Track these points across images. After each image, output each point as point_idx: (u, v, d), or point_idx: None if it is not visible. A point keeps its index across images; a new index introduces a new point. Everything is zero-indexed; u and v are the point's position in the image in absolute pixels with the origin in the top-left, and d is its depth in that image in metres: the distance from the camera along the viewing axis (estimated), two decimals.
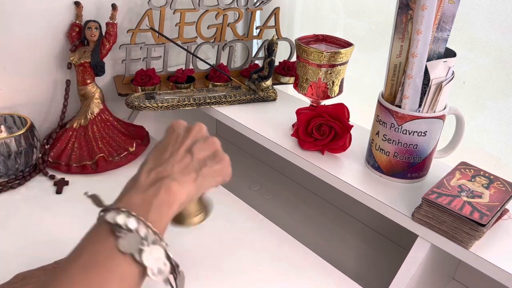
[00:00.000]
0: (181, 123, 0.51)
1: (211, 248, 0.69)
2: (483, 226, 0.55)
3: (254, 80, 0.92)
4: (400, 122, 0.64)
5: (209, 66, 0.96)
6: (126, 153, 0.86)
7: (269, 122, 0.85)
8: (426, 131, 0.64)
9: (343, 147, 0.74)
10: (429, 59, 0.62)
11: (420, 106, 0.63)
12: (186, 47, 0.93)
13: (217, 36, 0.97)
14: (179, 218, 0.52)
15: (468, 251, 0.57)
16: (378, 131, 0.68)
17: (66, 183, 0.79)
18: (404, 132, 0.65)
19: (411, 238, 0.63)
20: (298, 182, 0.98)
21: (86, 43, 0.84)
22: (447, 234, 0.58)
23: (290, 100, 0.95)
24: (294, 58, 1.01)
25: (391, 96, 0.67)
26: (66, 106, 0.88)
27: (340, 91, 0.78)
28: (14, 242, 0.67)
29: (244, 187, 0.96)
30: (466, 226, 0.56)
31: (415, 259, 0.61)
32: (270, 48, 0.87)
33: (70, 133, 0.85)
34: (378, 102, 0.68)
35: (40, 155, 0.83)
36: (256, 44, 1.09)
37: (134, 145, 0.87)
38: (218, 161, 0.49)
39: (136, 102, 0.85)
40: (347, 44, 0.76)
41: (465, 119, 0.68)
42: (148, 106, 0.85)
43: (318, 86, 0.76)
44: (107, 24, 0.84)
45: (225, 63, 1.00)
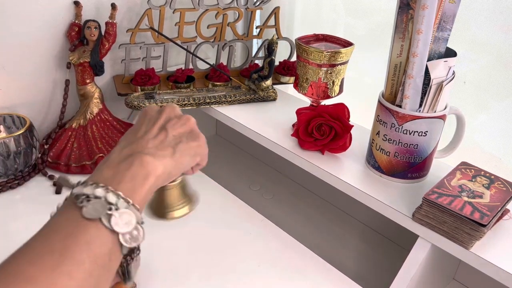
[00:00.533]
0: (153, 107, 0.50)
1: (211, 248, 0.69)
2: (484, 226, 0.55)
3: (254, 80, 0.92)
4: (400, 122, 0.64)
5: (209, 66, 0.95)
6: None
7: (269, 122, 0.85)
8: (427, 131, 0.64)
9: (343, 147, 0.73)
10: (429, 59, 0.61)
11: (420, 106, 0.63)
12: (185, 47, 0.93)
13: (217, 35, 0.97)
14: (160, 210, 0.50)
15: (468, 251, 0.57)
16: (379, 131, 0.68)
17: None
18: (404, 132, 0.64)
19: (412, 238, 0.63)
20: (298, 182, 0.98)
21: (85, 43, 0.84)
22: (448, 234, 0.58)
23: (290, 100, 0.94)
24: (294, 58, 1.01)
25: (392, 96, 0.67)
26: (66, 106, 0.88)
27: (340, 91, 0.78)
28: (13, 242, 0.67)
29: (244, 187, 0.96)
30: (466, 226, 0.56)
31: (416, 259, 0.61)
32: (270, 47, 0.87)
33: (70, 133, 0.85)
34: (379, 102, 0.67)
35: (39, 155, 0.82)
36: (256, 43, 1.09)
37: None
38: (194, 138, 0.47)
39: (135, 102, 0.85)
40: (348, 43, 0.76)
41: (465, 119, 0.67)
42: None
43: (318, 86, 0.75)
44: (107, 23, 0.84)
45: (225, 63, 1.00)
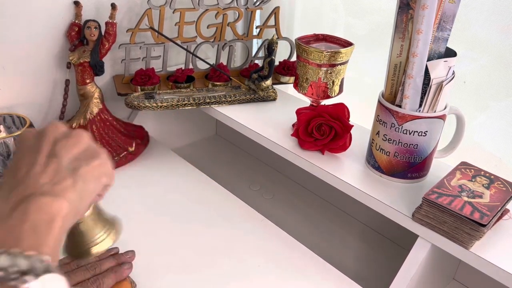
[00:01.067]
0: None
1: (211, 248, 0.69)
2: (484, 226, 0.55)
3: (254, 79, 0.92)
4: (400, 122, 0.64)
5: (209, 66, 0.95)
6: (125, 153, 0.86)
7: (269, 122, 0.85)
8: (427, 131, 0.64)
9: (343, 147, 0.73)
10: (429, 59, 0.61)
11: (420, 106, 0.63)
12: (185, 47, 0.93)
13: (216, 35, 0.97)
14: (79, 249, 0.42)
15: (468, 251, 0.57)
16: (379, 131, 0.68)
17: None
18: (404, 132, 0.64)
19: (411, 238, 0.63)
20: (298, 182, 0.98)
21: (85, 43, 0.84)
22: (448, 234, 0.58)
23: (290, 100, 0.94)
24: (294, 58, 1.01)
25: (392, 96, 0.67)
26: (66, 105, 0.88)
27: (340, 91, 0.78)
28: None
29: (244, 187, 0.96)
30: (466, 226, 0.56)
31: (416, 259, 0.61)
32: (270, 47, 0.87)
33: None
34: (379, 102, 0.67)
35: None
36: (256, 43, 1.09)
37: (134, 145, 0.87)
38: (94, 156, 0.39)
39: (135, 102, 0.85)
40: (347, 43, 0.76)
41: (465, 119, 0.67)
42: (147, 106, 0.85)
43: (318, 85, 0.75)
44: (107, 23, 0.84)
45: (225, 63, 1.00)
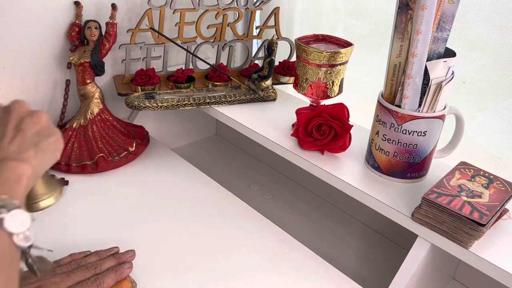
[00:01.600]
0: None
1: (211, 248, 0.69)
2: (483, 226, 0.55)
3: (254, 80, 0.92)
4: (400, 122, 0.64)
5: (209, 66, 0.96)
6: (126, 153, 0.86)
7: (269, 122, 0.85)
8: (426, 131, 0.64)
9: (343, 147, 0.74)
10: (429, 59, 0.62)
11: (420, 106, 0.63)
12: (186, 47, 0.93)
13: (217, 36, 0.97)
14: (25, 203, 0.48)
15: (468, 251, 0.57)
16: (378, 131, 0.68)
17: (66, 183, 0.79)
18: (404, 132, 0.65)
19: (411, 238, 0.63)
20: (298, 182, 0.98)
21: (86, 43, 0.84)
22: (447, 234, 0.58)
23: (290, 100, 0.95)
24: (294, 58, 1.01)
25: (391, 96, 0.67)
26: (66, 105, 0.88)
27: (340, 91, 0.78)
28: None
29: (244, 187, 0.96)
30: (466, 226, 0.56)
31: (415, 259, 0.61)
32: (270, 48, 0.87)
33: (70, 133, 0.85)
34: (378, 102, 0.68)
35: None
36: (256, 44, 1.09)
37: (134, 145, 0.87)
38: (52, 133, 0.47)
39: (135, 102, 0.85)
40: (347, 44, 0.76)
41: (465, 119, 0.68)
42: (147, 106, 0.85)
43: (318, 86, 0.76)
44: (107, 23, 0.84)
45: (225, 63, 1.00)
